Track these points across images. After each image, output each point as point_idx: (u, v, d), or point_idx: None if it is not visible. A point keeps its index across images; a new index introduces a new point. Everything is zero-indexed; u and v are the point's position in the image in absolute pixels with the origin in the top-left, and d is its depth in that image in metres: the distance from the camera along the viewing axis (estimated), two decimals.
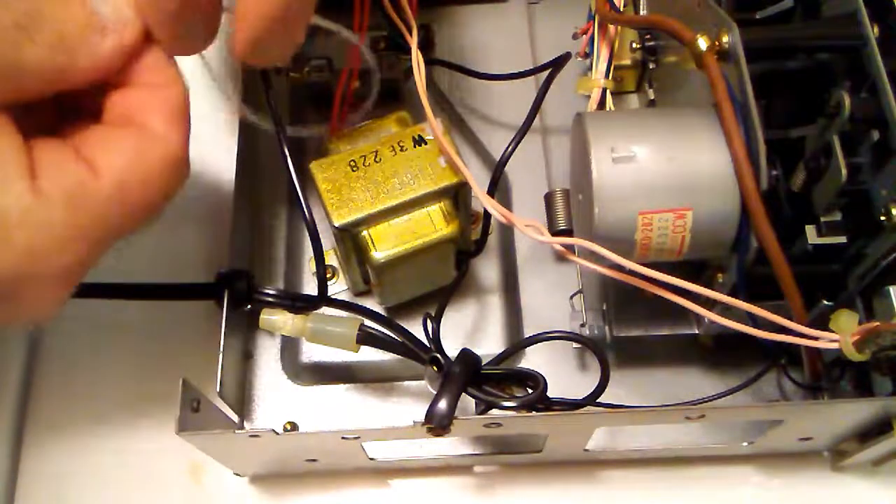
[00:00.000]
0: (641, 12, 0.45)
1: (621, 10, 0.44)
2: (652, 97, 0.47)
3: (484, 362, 0.38)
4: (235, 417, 0.42)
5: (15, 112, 0.26)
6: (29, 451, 0.44)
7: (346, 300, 0.45)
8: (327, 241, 0.41)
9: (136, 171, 0.27)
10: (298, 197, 0.38)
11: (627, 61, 0.47)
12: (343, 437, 0.35)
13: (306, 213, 0.38)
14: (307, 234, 0.38)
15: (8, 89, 0.25)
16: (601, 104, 0.45)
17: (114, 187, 0.26)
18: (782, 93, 0.36)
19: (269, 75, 0.36)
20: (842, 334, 0.32)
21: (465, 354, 0.38)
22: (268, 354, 0.45)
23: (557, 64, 0.44)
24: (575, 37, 0.47)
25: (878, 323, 0.32)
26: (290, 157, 0.37)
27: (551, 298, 0.45)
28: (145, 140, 0.28)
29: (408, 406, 0.44)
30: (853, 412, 0.36)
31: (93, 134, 0.28)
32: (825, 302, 0.36)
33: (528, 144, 0.43)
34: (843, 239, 0.35)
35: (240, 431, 0.36)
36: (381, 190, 0.39)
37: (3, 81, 0.25)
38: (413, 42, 0.40)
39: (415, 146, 0.40)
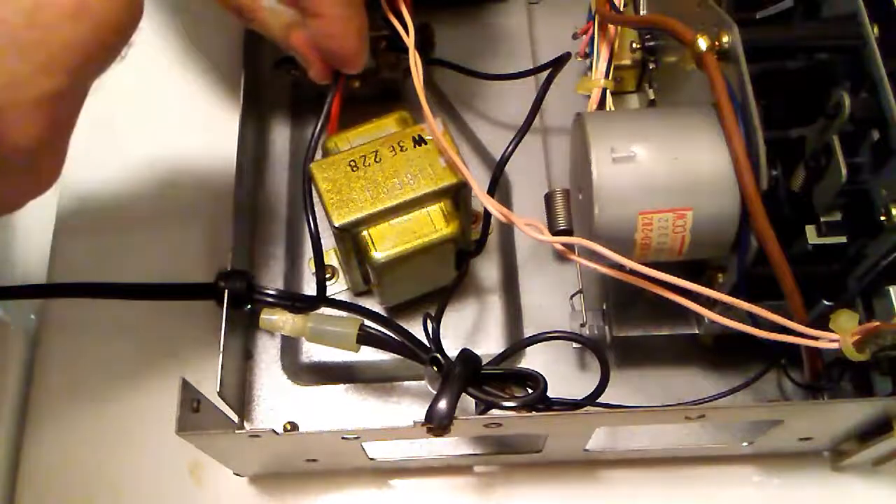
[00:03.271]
0: (641, 12, 0.45)
1: (621, 10, 0.44)
2: (652, 97, 0.47)
3: (484, 362, 0.38)
4: (235, 417, 0.42)
5: None
6: (29, 451, 0.44)
7: (346, 300, 0.45)
8: (327, 241, 0.41)
9: None
10: (305, 198, 0.38)
11: (627, 61, 0.46)
12: (343, 437, 0.35)
13: (310, 214, 0.38)
14: (307, 233, 0.38)
15: None
16: (601, 104, 0.45)
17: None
18: (782, 93, 0.36)
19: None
20: (842, 334, 0.32)
21: (465, 354, 0.38)
22: (268, 354, 0.45)
23: (557, 64, 0.44)
24: (575, 37, 0.47)
25: (878, 323, 0.32)
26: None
27: (551, 298, 0.45)
28: None
29: (408, 406, 0.44)
30: (853, 412, 0.36)
31: None
32: (825, 302, 0.36)
33: (528, 144, 0.43)
34: (843, 239, 0.35)
35: (240, 431, 0.36)
36: (381, 190, 0.39)
37: None
38: (410, 42, 0.40)
39: (415, 146, 0.40)
